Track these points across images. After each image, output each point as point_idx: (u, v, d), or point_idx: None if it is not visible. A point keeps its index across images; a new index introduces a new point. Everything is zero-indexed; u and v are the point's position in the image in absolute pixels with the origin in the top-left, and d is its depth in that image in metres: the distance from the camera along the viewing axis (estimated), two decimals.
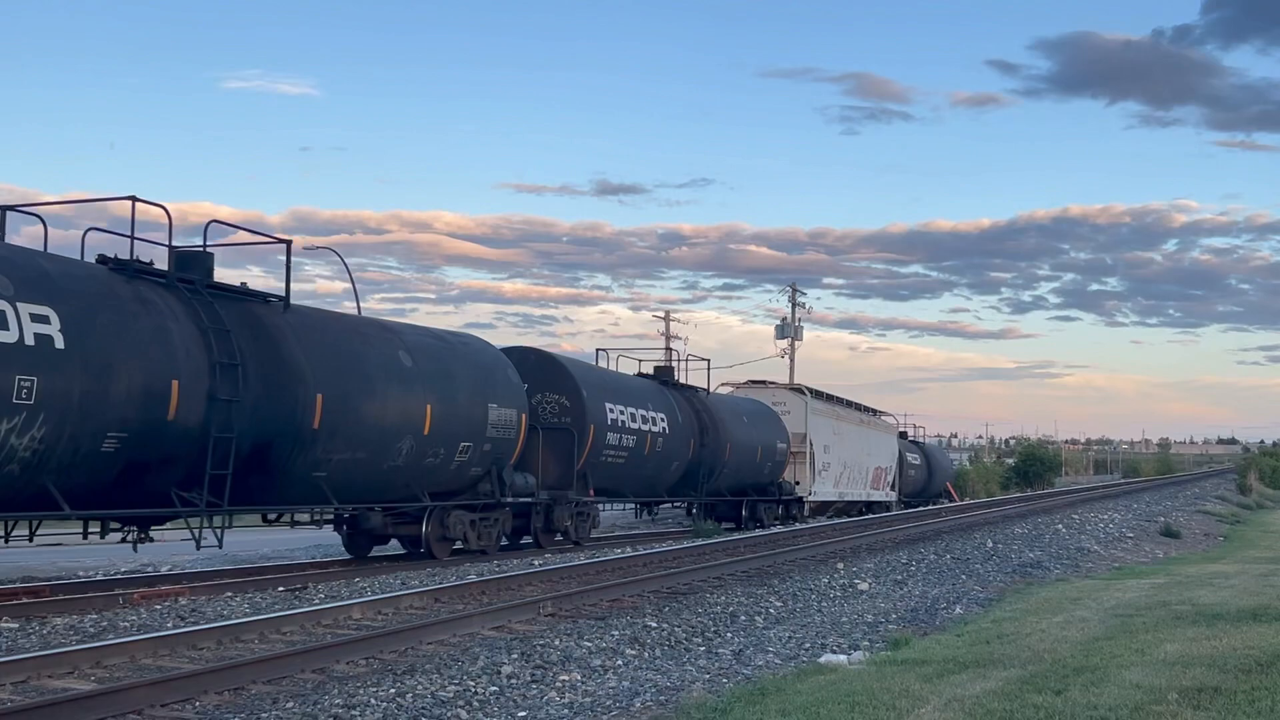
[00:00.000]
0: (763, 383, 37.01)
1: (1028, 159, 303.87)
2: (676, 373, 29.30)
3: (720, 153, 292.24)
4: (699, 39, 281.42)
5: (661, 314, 57.63)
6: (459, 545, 19.02)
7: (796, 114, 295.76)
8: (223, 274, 15.35)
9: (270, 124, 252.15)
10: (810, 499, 34.77)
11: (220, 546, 14.76)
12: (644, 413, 24.78)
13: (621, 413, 23.75)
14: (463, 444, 18.14)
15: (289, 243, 16.25)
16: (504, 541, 20.79)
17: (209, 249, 15.22)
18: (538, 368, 22.40)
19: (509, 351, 21.97)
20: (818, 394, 37.86)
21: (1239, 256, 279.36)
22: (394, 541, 19.49)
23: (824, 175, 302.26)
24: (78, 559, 20.61)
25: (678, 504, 30.82)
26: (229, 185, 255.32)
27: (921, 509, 41.43)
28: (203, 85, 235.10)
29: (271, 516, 16.65)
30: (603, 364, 27.23)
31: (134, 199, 13.84)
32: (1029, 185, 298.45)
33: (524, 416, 19.88)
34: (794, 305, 60.72)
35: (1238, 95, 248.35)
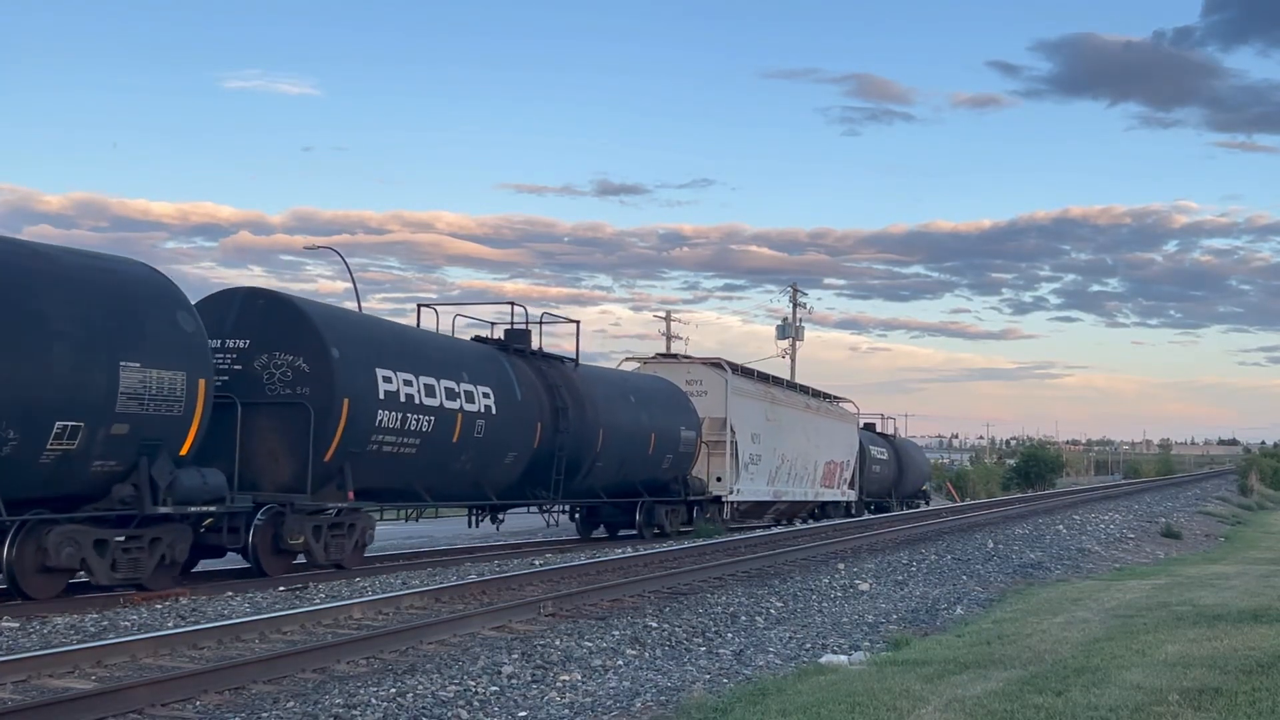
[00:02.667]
0: (674, 356, 31.31)
1: (1028, 160, 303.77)
2: (535, 339, 22.44)
3: (721, 153, 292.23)
4: (700, 39, 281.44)
5: (662, 314, 57.69)
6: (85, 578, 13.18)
7: (798, 114, 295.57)
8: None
9: (271, 124, 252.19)
10: (732, 499, 28.93)
11: None
12: (453, 385, 18.33)
13: (408, 384, 17.25)
14: (62, 425, 12.08)
15: None
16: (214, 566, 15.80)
17: None
18: (264, 316, 16.03)
19: (226, 294, 16.30)
20: (745, 371, 32.44)
21: (1239, 257, 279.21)
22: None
23: (825, 176, 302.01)
24: None
25: (549, 509, 22.84)
26: (230, 185, 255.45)
27: (917, 510, 40.78)
28: (203, 85, 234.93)
29: None
30: (429, 324, 21.05)
31: None
32: (1030, 186, 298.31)
33: (203, 383, 13.70)
34: (795, 305, 60.88)
35: (1238, 97, 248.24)
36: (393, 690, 8.01)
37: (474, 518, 21.86)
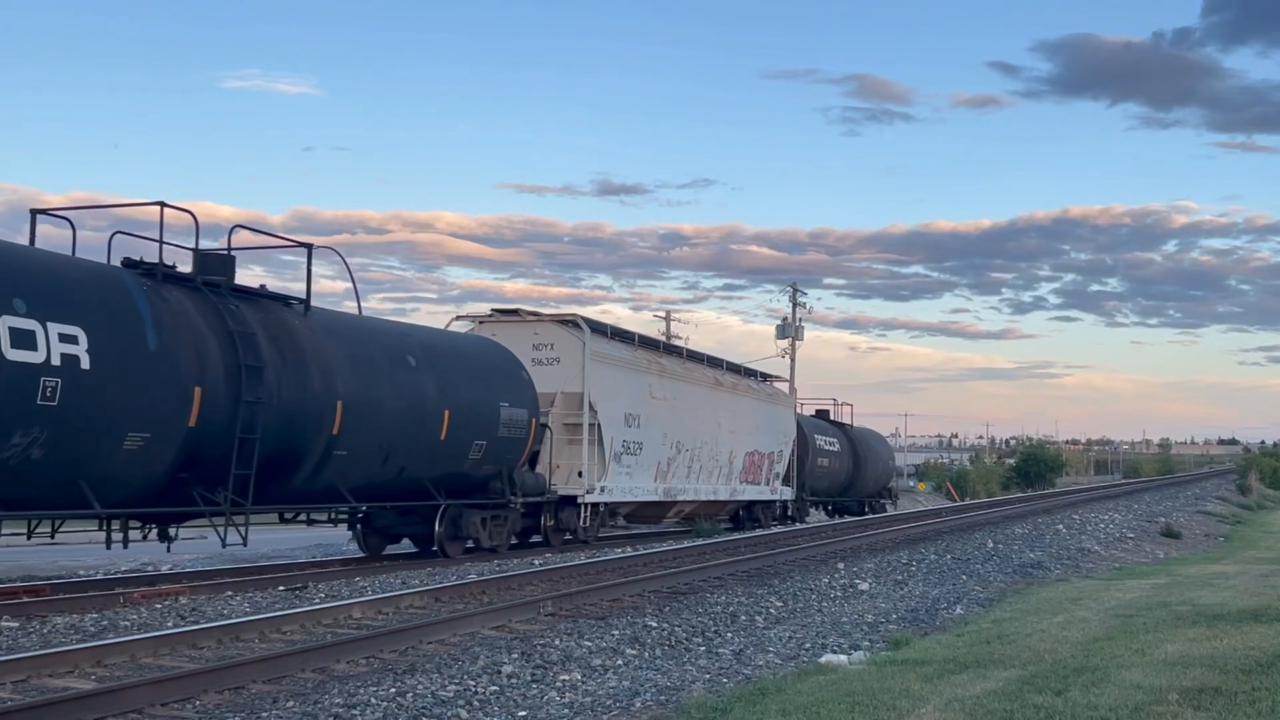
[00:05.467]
0: (516, 313, 23.31)
1: (1028, 160, 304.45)
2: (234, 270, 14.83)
3: (722, 153, 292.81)
4: (700, 39, 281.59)
5: (663, 314, 57.59)
6: None
7: (798, 115, 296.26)
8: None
9: (271, 124, 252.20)
10: (594, 500, 22.15)
11: None
12: None
13: None
14: None
15: None
16: None
17: None
18: None
19: None
20: (619, 333, 24.87)
21: (1239, 257, 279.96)
22: None
23: (825, 176, 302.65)
24: (79, 558, 20.64)
25: (229, 521, 14.23)
26: (230, 185, 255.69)
27: (912, 511, 40.57)
28: (203, 85, 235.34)
29: None
30: (59, 243, 14.49)
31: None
32: (1029, 186, 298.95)
33: None
34: (794, 305, 60.70)
35: (1238, 97, 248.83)
36: (393, 690, 8.00)
37: (124, 535, 13.96)
